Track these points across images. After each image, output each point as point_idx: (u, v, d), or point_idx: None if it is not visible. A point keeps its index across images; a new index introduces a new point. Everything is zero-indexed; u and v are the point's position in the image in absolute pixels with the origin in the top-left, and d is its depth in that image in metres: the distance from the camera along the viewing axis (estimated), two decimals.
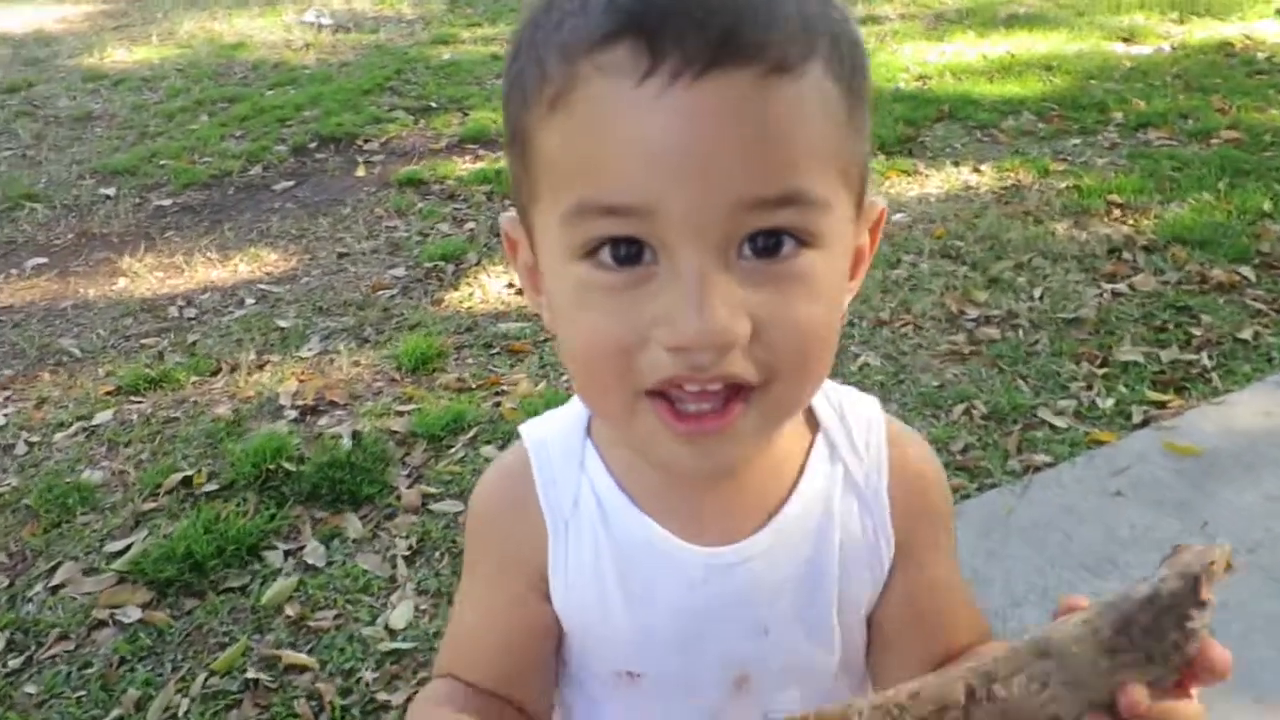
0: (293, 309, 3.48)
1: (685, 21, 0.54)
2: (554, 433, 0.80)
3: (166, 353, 3.25)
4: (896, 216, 3.84)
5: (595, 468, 0.77)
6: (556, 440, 0.80)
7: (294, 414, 2.82)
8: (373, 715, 1.88)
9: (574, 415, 0.81)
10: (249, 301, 3.58)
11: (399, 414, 2.78)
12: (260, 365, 3.11)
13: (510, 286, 3.49)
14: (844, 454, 0.78)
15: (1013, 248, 3.53)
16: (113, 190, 4.64)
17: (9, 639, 2.11)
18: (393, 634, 2.05)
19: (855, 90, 0.61)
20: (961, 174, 4.24)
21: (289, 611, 2.12)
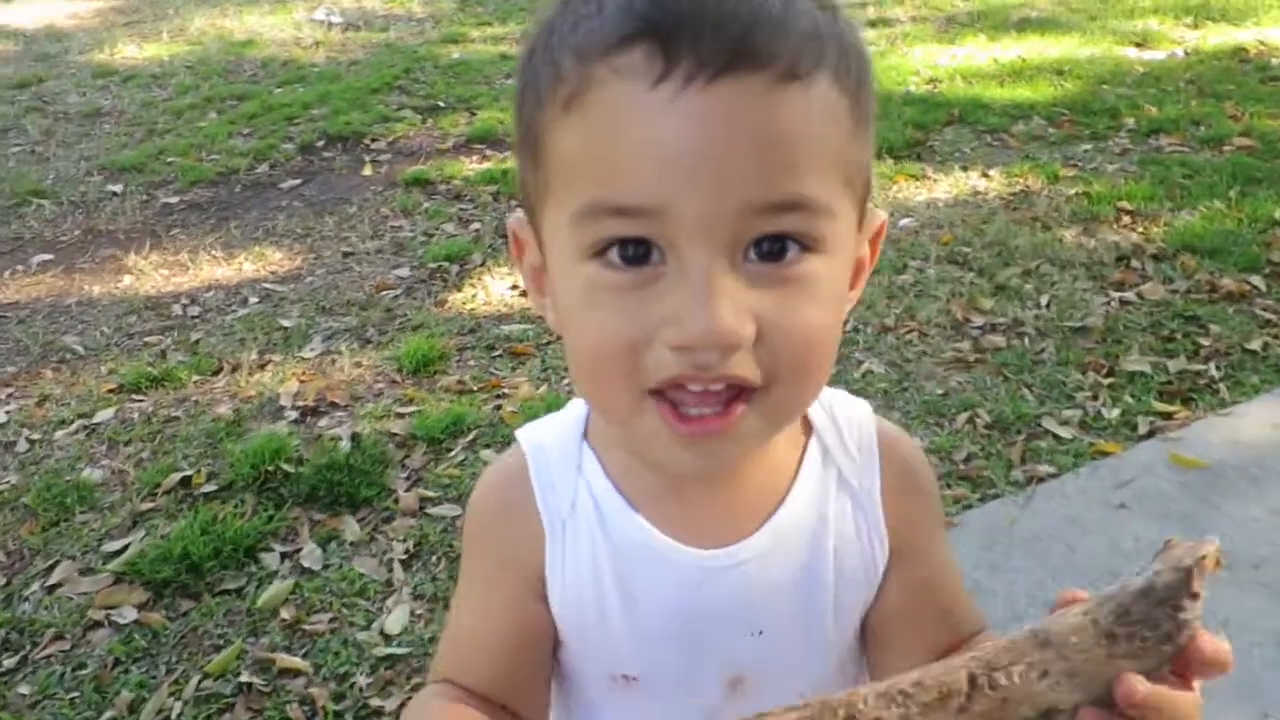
0: (296, 308, 3.48)
1: (700, 27, 0.55)
2: (551, 436, 0.81)
3: (169, 351, 3.25)
4: (904, 221, 3.81)
5: (593, 470, 0.78)
6: (554, 444, 0.80)
7: (294, 415, 2.81)
8: None
9: (571, 419, 0.81)
10: (253, 300, 3.57)
11: (399, 416, 2.77)
12: (262, 365, 3.10)
13: (514, 288, 3.48)
14: (837, 457, 0.79)
15: (1020, 254, 3.50)
16: (120, 187, 4.65)
17: (4, 638, 2.11)
18: (387, 639, 2.04)
19: (861, 102, 0.62)
20: (970, 179, 4.21)
21: (284, 614, 2.11)
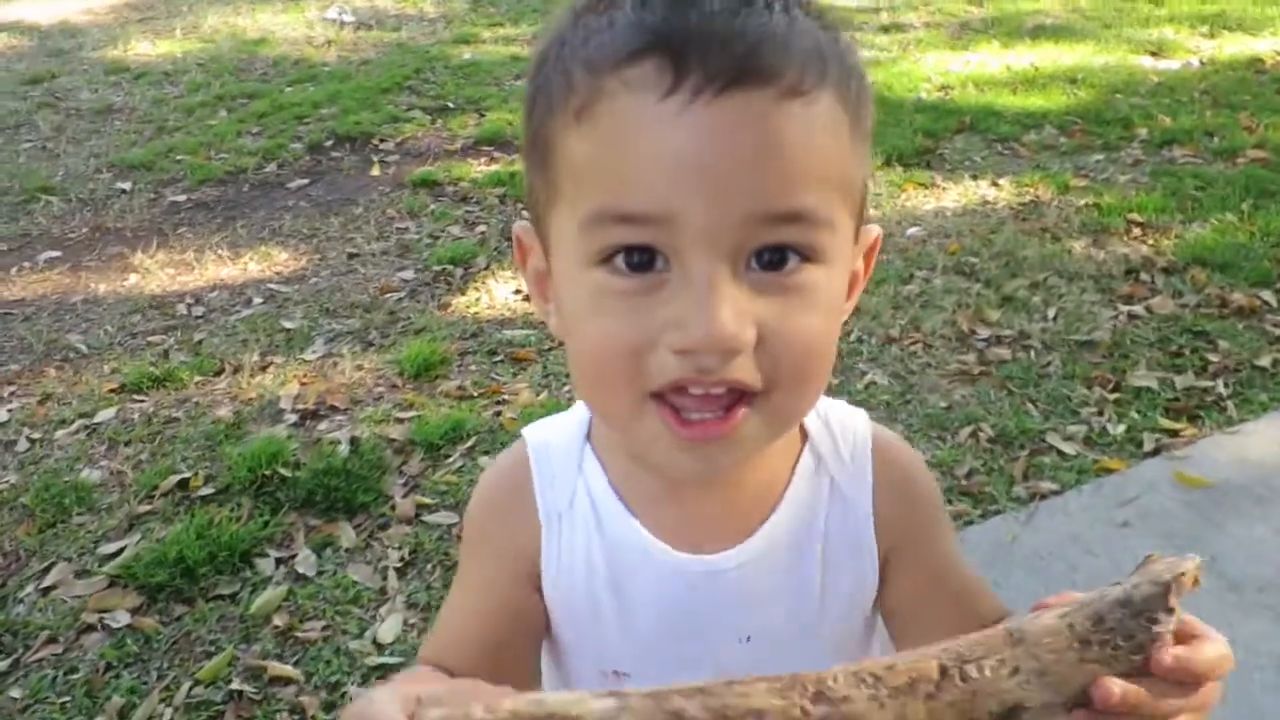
0: (299, 310, 3.47)
1: (708, 43, 0.57)
2: (555, 435, 0.84)
3: (172, 351, 3.25)
4: (911, 230, 3.78)
5: (593, 470, 0.80)
6: (557, 441, 0.83)
7: (294, 418, 2.81)
8: None
9: (576, 420, 0.84)
10: (257, 301, 3.57)
11: (398, 421, 2.76)
12: (264, 367, 3.10)
13: (518, 293, 3.47)
14: (830, 464, 0.81)
15: (1028, 266, 3.47)
16: (128, 185, 4.66)
17: None
18: (380, 648, 2.03)
19: (860, 120, 0.65)
20: (980, 188, 4.18)
21: (277, 621, 2.10)
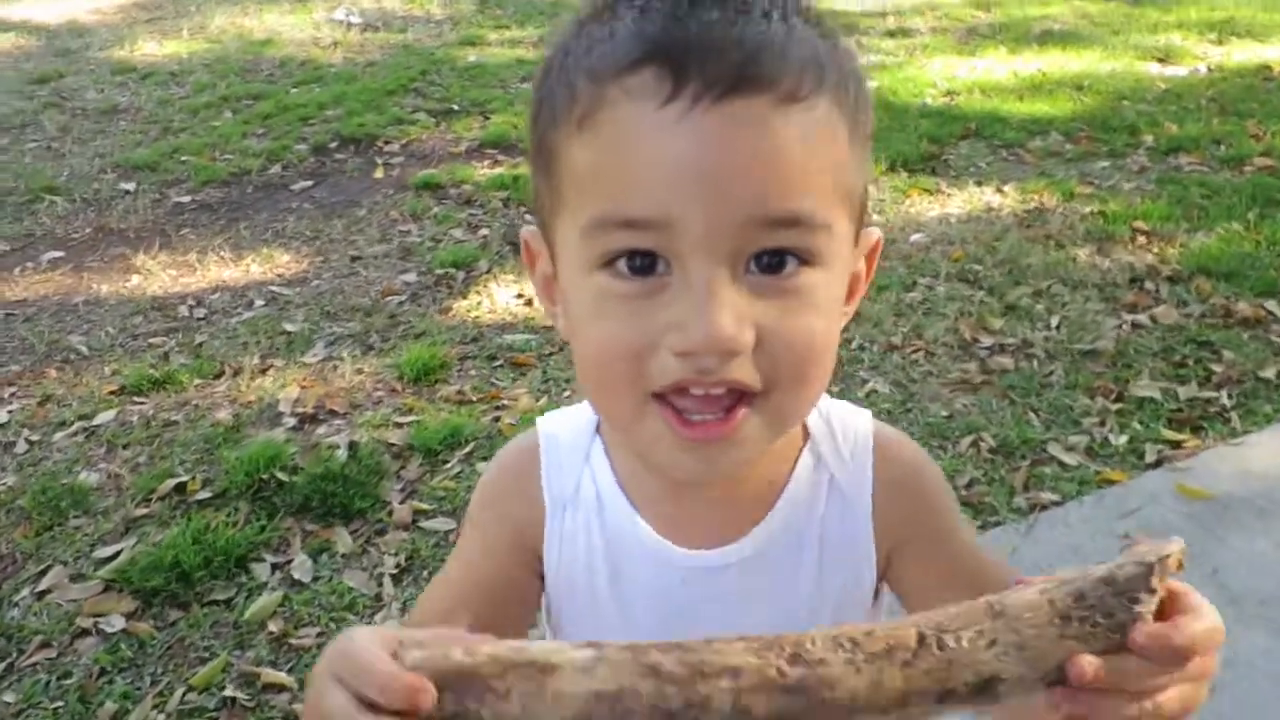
0: (301, 312, 3.47)
1: (707, 51, 0.59)
2: (566, 425, 0.86)
3: (173, 353, 3.25)
4: (915, 237, 3.77)
5: (599, 462, 0.82)
6: (567, 432, 0.85)
7: (293, 421, 2.80)
8: None
9: (587, 414, 0.85)
10: (258, 303, 3.57)
11: (397, 425, 2.75)
12: (264, 370, 3.10)
13: (519, 297, 3.46)
14: (830, 463, 0.81)
15: (1032, 273, 3.45)
16: (133, 185, 4.66)
17: None
18: None
19: (859, 125, 0.66)
20: (984, 194, 4.16)
21: (272, 628, 2.09)
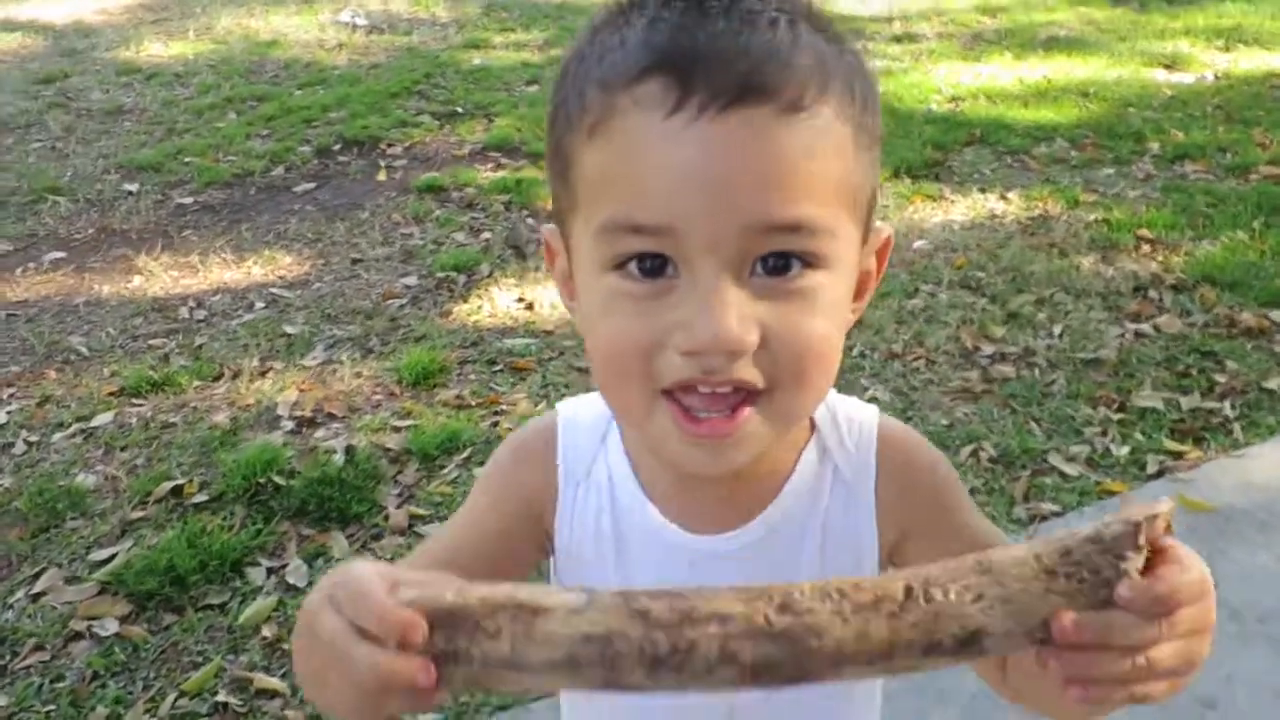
0: (301, 315, 3.46)
1: (713, 61, 0.61)
2: (585, 409, 0.87)
3: (172, 355, 3.25)
4: (918, 244, 3.75)
5: (614, 446, 0.84)
6: (586, 415, 0.86)
7: (290, 425, 2.80)
8: None
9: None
10: (259, 305, 3.56)
11: (395, 430, 2.75)
12: (263, 372, 3.09)
13: (520, 301, 3.45)
14: (834, 454, 0.82)
15: (1035, 281, 3.44)
16: (136, 186, 4.66)
17: None
18: None
19: (865, 127, 0.67)
20: (988, 201, 4.14)
21: (265, 633, 2.09)
